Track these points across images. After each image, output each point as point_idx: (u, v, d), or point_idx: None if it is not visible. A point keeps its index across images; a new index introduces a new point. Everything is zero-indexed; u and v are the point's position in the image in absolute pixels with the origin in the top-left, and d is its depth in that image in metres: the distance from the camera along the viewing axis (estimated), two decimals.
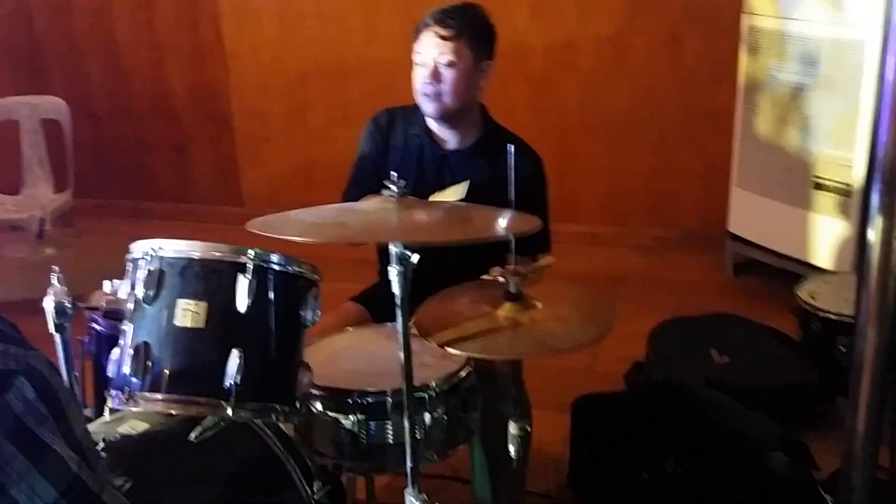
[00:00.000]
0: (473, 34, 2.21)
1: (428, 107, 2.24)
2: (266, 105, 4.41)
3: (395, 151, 2.33)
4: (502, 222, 1.71)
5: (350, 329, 2.10)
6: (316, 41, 4.27)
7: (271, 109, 4.39)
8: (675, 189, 4.13)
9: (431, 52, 2.19)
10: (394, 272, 1.53)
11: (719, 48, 3.80)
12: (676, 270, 4.01)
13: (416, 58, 2.23)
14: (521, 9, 3.98)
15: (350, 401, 1.76)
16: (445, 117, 2.26)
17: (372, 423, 1.78)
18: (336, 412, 1.78)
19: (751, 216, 3.65)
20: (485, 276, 1.82)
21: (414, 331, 1.63)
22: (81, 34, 4.44)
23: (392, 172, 1.71)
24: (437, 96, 2.21)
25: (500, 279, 1.75)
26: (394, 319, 1.88)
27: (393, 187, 1.67)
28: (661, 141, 4.07)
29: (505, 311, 1.70)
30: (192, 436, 1.68)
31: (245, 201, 4.61)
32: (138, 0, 4.30)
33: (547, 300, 1.71)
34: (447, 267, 1.76)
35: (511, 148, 1.77)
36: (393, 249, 1.52)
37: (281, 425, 1.80)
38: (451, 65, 2.18)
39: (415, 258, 1.53)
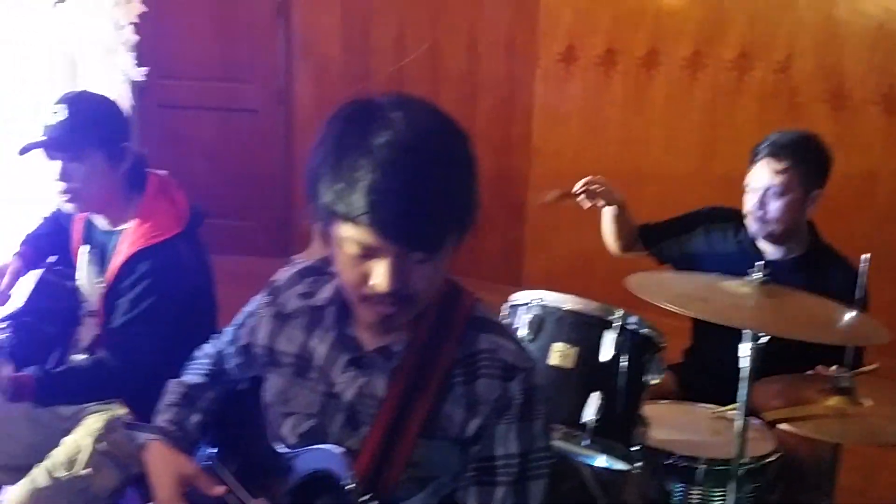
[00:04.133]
0: (807, 167, 2.30)
1: (754, 227, 2.37)
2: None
3: (716, 243, 2.51)
4: (850, 327, 1.87)
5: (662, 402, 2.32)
6: (617, 145, 4.63)
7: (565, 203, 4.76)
8: None
9: (763, 180, 2.31)
10: (745, 349, 1.76)
11: None
12: None
13: (748, 181, 2.37)
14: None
15: (666, 462, 1.99)
16: (770, 238, 2.39)
17: (682, 486, 1.99)
18: (649, 468, 2.01)
19: None
20: (815, 370, 1.99)
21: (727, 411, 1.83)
22: None
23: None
24: (764, 221, 2.32)
25: (830, 374, 1.92)
26: (705, 392, 2.10)
27: (756, 273, 1.90)
28: None
29: (833, 402, 1.87)
30: None
31: (524, 283, 4.98)
32: (464, 95, 4.88)
33: (875, 398, 1.87)
34: (782, 354, 1.95)
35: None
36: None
37: None
38: (780, 195, 2.29)
39: (764, 340, 1.75)
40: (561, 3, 4.68)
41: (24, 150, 2.10)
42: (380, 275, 1.22)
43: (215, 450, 1.59)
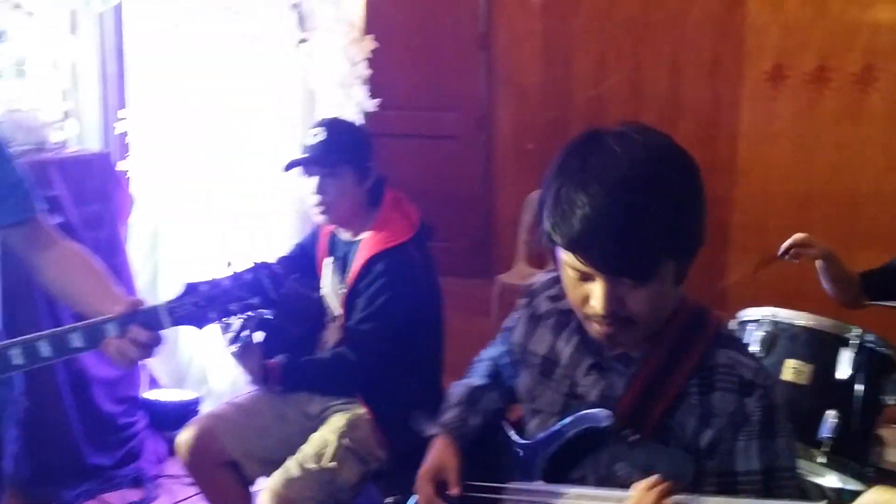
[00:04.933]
0: None
1: None
2: (766, 220, 4.68)
3: None
4: None
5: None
6: (829, 165, 4.48)
7: (770, 224, 4.65)
8: None
9: None
10: None
11: None
12: None
13: None
14: None
15: None
16: None
17: None
18: None
19: None
20: None
21: None
22: None
23: None
24: None
25: None
26: None
27: None
28: None
29: None
30: None
31: (728, 303, 4.89)
32: (666, 117, 4.88)
33: None
34: None
35: None
36: None
37: None
38: None
39: None
40: (768, 21, 4.60)
41: (288, 167, 2.40)
42: (595, 297, 1.30)
43: None
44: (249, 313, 1.45)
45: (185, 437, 2.37)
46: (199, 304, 1.43)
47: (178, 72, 3.45)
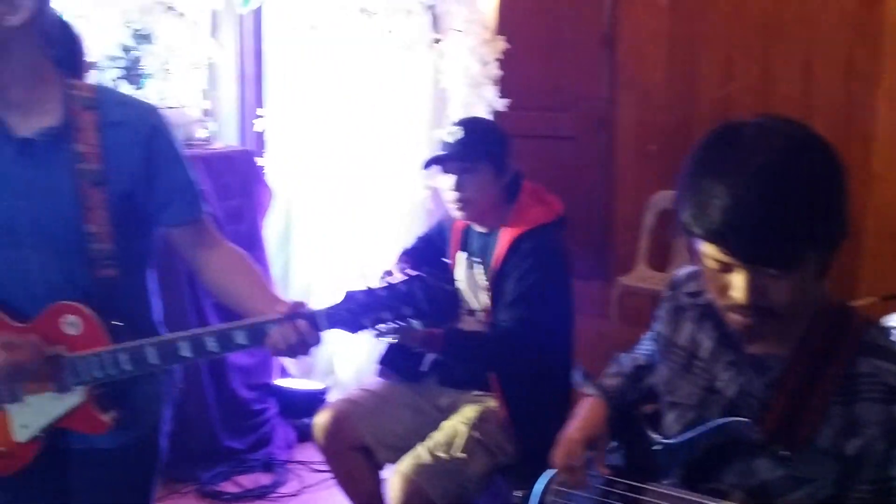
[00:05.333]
0: None
1: None
2: None
3: None
4: None
5: None
6: None
7: None
8: None
9: None
10: None
11: None
12: None
13: None
14: None
15: None
16: None
17: None
18: None
19: None
20: None
21: None
22: None
23: None
24: None
25: None
26: None
27: None
28: None
29: None
30: None
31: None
32: (797, 117, 4.75)
33: None
34: None
35: None
36: None
37: None
38: None
39: None
40: None
41: (426, 165, 2.47)
42: (736, 288, 1.29)
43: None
44: (400, 322, 1.51)
45: (321, 419, 2.47)
46: (354, 311, 1.49)
47: (313, 72, 3.58)
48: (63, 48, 1.67)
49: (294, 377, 3.84)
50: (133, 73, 3.40)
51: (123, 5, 3.10)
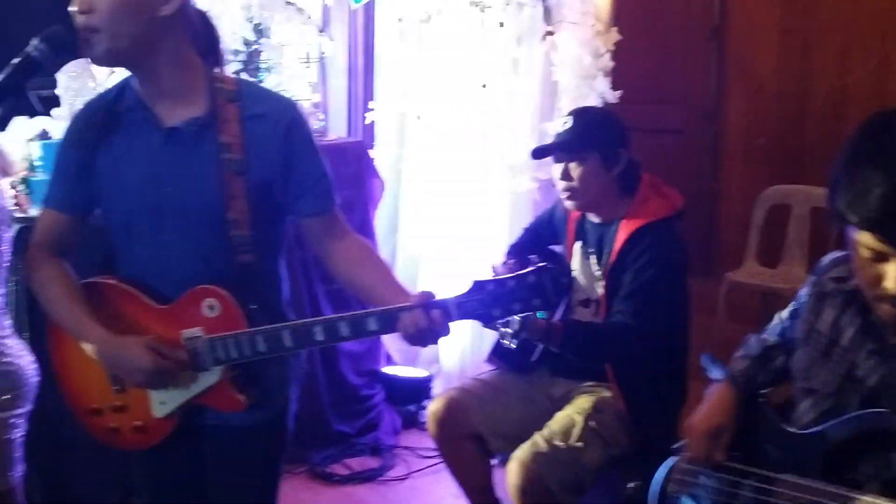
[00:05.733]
0: None
1: None
2: None
3: None
4: None
5: None
6: None
7: None
8: None
9: None
10: None
11: None
12: None
13: None
14: None
15: None
16: None
17: None
18: None
19: None
20: None
21: None
22: None
23: None
24: None
25: None
26: None
27: None
28: None
29: None
30: None
31: None
32: None
33: None
34: None
35: None
36: None
37: None
38: None
39: None
40: None
41: (535, 154, 2.52)
42: (890, 278, 1.28)
43: None
44: (529, 313, 1.53)
45: (435, 407, 2.51)
46: (485, 302, 1.52)
47: (423, 65, 3.63)
48: (204, 40, 1.74)
49: (400, 365, 3.90)
50: (251, 66, 3.52)
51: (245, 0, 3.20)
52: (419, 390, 3.76)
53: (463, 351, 3.74)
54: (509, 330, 2.20)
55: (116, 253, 1.74)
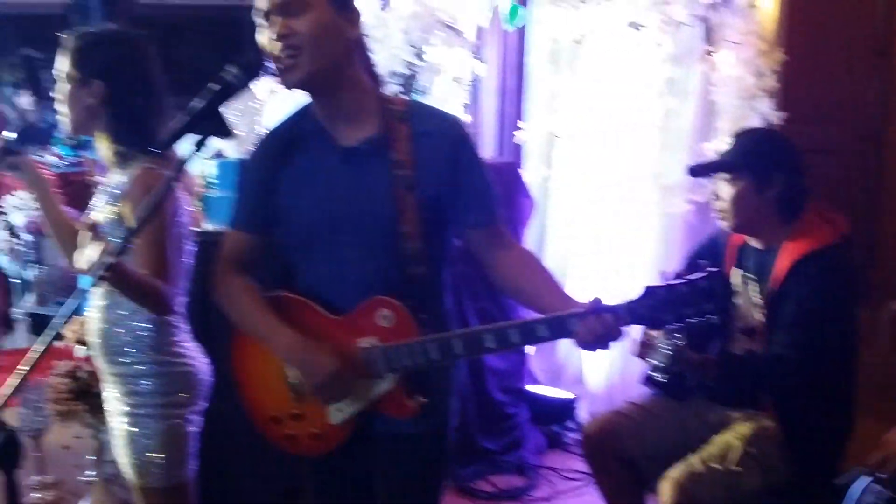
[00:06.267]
0: None
1: None
2: None
3: None
4: None
5: None
6: None
7: None
8: None
9: None
10: None
11: None
12: None
13: None
14: None
15: None
16: None
17: None
18: None
19: None
20: None
21: None
22: None
23: None
24: None
25: None
26: None
27: None
28: None
29: None
30: None
31: None
32: None
33: None
34: None
35: None
36: None
37: None
38: None
39: None
40: None
41: (691, 172, 2.55)
42: None
43: None
44: (700, 318, 1.51)
45: (590, 429, 2.51)
46: (656, 307, 1.52)
47: (576, 85, 3.64)
48: (370, 63, 1.82)
49: (543, 384, 3.90)
50: (409, 87, 3.63)
51: (406, 23, 3.30)
52: (564, 411, 3.75)
53: (609, 372, 3.71)
54: (659, 363, 2.18)
55: (294, 267, 1.83)
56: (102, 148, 2.04)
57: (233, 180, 3.27)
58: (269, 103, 3.46)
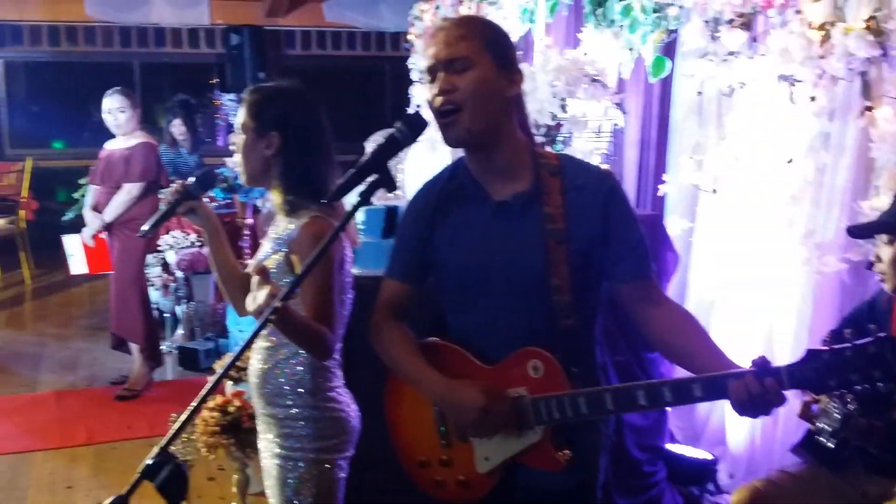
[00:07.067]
0: None
1: None
2: None
3: None
4: None
5: None
6: None
7: None
8: None
9: None
10: None
11: None
12: None
13: None
14: None
15: None
16: None
17: None
18: None
19: None
20: None
21: None
22: None
23: None
24: None
25: None
26: None
27: None
28: None
29: None
30: None
31: None
32: None
33: None
34: None
35: None
36: None
37: None
38: None
39: None
40: None
41: (852, 233, 2.52)
42: None
43: None
44: (867, 386, 1.45)
45: (739, 497, 2.43)
46: (819, 371, 1.46)
47: (722, 138, 3.57)
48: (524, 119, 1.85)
49: (682, 443, 3.79)
50: (551, 138, 3.65)
51: (552, 76, 3.34)
52: (703, 472, 3.62)
53: (751, 433, 3.56)
54: (827, 427, 2.09)
55: (447, 316, 1.87)
56: (274, 196, 2.14)
57: (378, 227, 3.38)
58: (411, 151, 3.56)
